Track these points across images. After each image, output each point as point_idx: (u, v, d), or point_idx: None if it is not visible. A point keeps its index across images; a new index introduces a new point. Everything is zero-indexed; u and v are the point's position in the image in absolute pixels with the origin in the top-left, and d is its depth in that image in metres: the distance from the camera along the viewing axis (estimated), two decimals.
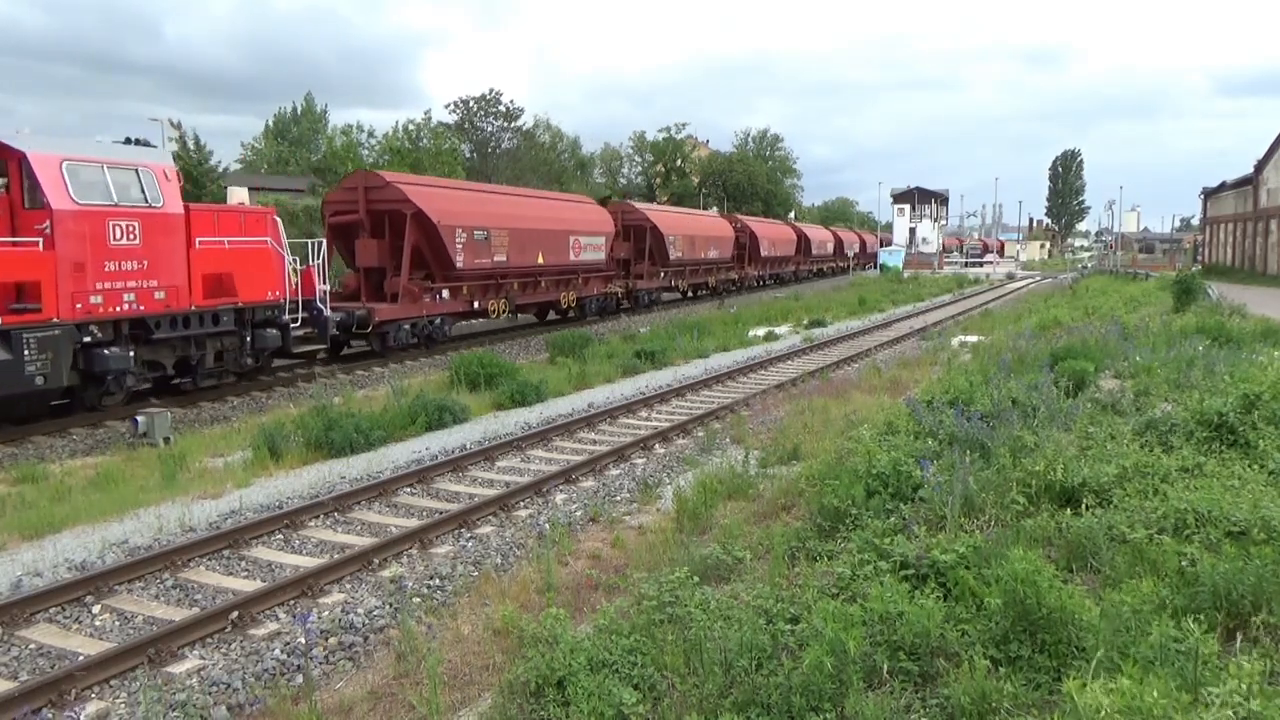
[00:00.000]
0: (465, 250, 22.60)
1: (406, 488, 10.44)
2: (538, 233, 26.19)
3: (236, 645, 6.55)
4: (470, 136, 61.27)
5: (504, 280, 24.94)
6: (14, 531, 8.92)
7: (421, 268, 22.39)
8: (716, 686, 4.40)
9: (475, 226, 23.17)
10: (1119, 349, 14.34)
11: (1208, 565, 4.81)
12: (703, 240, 40.51)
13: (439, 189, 23.84)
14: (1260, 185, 46.82)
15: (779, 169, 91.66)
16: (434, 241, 21.85)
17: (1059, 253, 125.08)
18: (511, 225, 24.78)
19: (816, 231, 67.03)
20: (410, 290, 21.34)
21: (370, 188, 21.73)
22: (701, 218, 45.52)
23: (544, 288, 27.63)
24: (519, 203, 27.01)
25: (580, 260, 28.85)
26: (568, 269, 28.40)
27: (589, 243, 29.33)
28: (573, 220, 28.87)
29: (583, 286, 29.75)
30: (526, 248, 25.49)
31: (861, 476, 7.26)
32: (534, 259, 25.99)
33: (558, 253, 27.33)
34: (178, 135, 43.88)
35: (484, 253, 23.49)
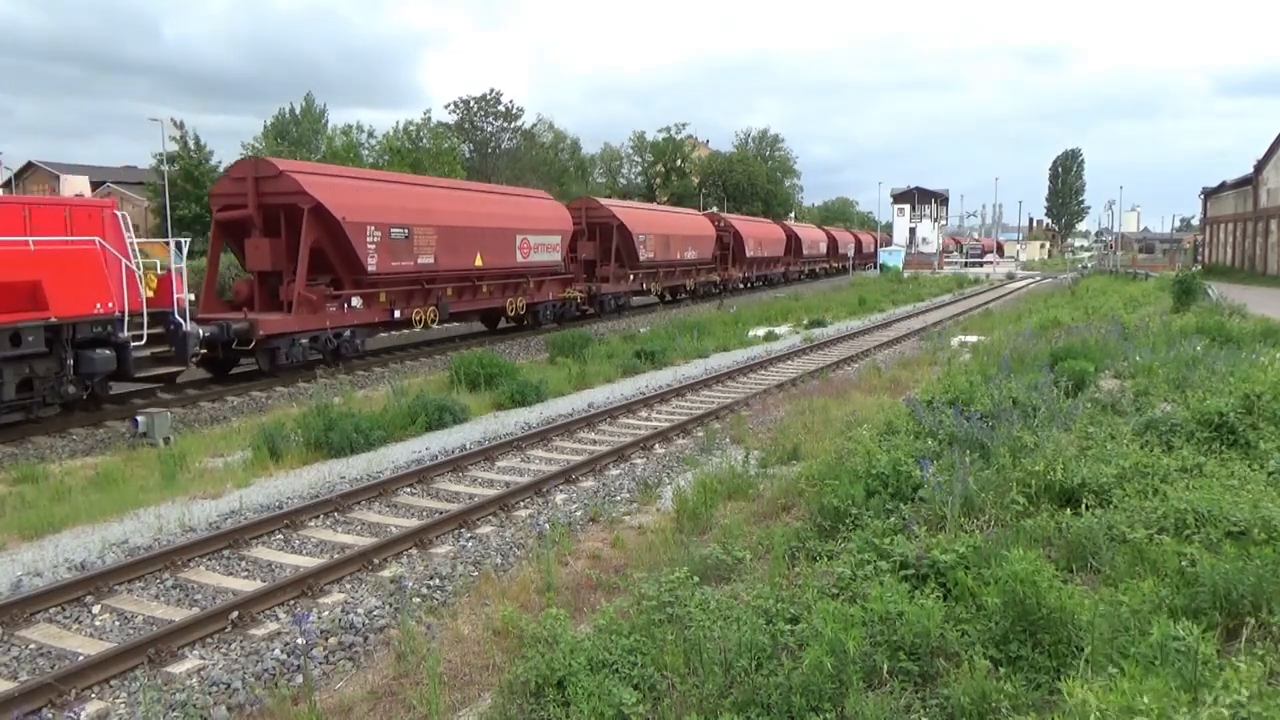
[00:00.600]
0: (380, 251, 19.49)
1: (406, 488, 10.44)
2: (475, 231, 23.15)
3: (236, 645, 6.55)
4: (470, 137, 61.29)
5: (432, 285, 21.93)
6: (14, 531, 8.92)
7: (326, 272, 19.26)
8: (716, 686, 4.40)
9: (392, 224, 19.98)
10: (1119, 349, 14.34)
11: (1208, 565, 4.81)
12: (678, 240, 37.57)
13: (345, 179, 20.36)
14: (1260, 185, 46.82)
15: (779, 169, 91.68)
16: (340, 241, 18.76)
17: (1059, 253, 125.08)
18: (440, 223, 21.69)
19: (808, 231, 64.22)
20: (308, 299, 18.16)
21: (262, 178, 18.36)
22: (678, 215, 42.70)
23: (485, 293, 24.47)
24: (450, 197, 23.61)
25: (531, 262, 25.86)
26: (515, 272, 25.47)
27: (541, 242, 26.33)
28: (521, 217, 25.79)
29: (535, 291, 26.72)
30: (460, 248, 22.42)
31: (861, 476, 7.26)
32: (470, 261, 22.96)
33: (501, 254, 24.38)
34: (180, 135, 43.86)
35: (405, 254, 20.43)
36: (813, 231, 65.96)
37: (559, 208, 29.50)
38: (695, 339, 23.17)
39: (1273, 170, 45.43)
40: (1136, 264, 68.38)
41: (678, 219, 40.72)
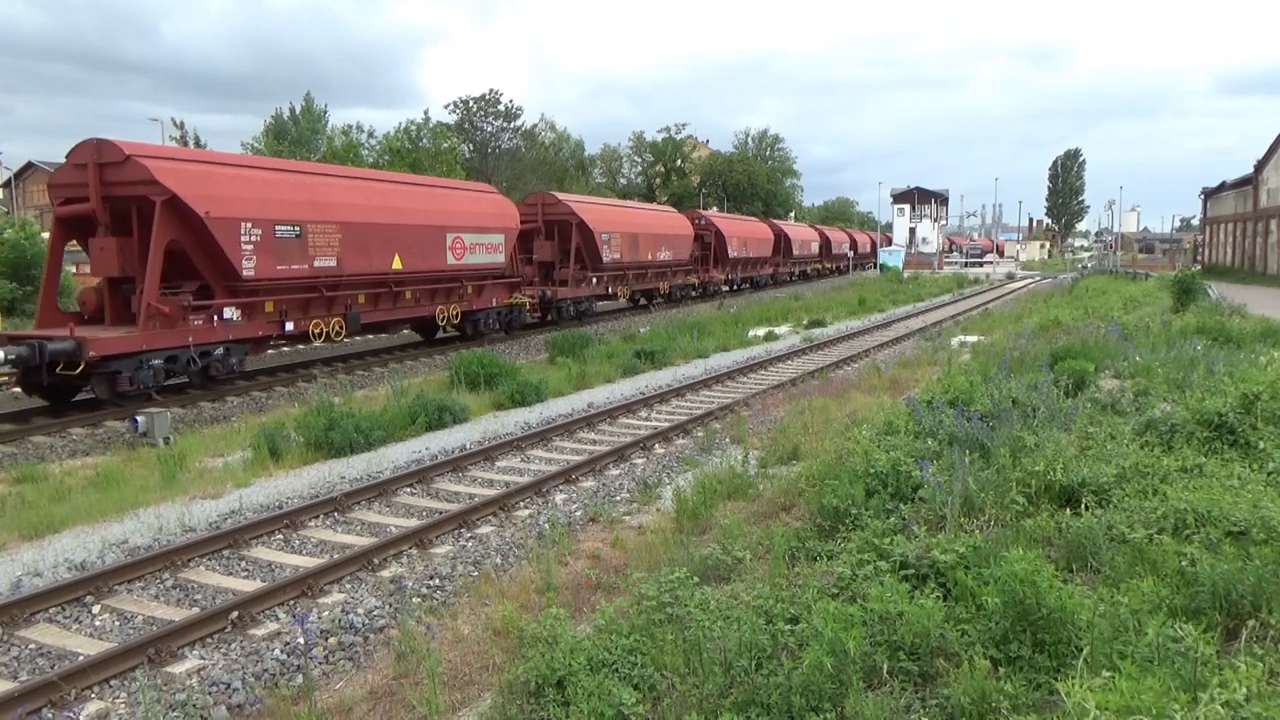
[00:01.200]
0: (260, 253, 16.41)
1: (406, 488, 10.44)
2: (391, 229, 19.91)
3: (236, 645, 6.55)
4: (470, 137, 61.31)
5: (336, 293, 18.85)
6: (14, 531, 8.92)
7: (192, 278, 16.11)
8: (716, 686, 4.40)
9: (278, 220, 16.80)
10: (1119, 349, 14.35)
11: (1207, 565, 4.82)
12: (649, 239, 34.35)
13: (213, 166, 16.68)
14: (1260, 185, 46.84)
15: (779, 169, 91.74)
16: (205, 241, 15.71)
17: (1059, 253, 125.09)
18: (344, 219, 18.53)
19: (799, 230, 60.70)
20: (159, 310, 14.92)
21: (106, 164, 15.06)
22: (650, 213, 39.01)
23: (409, 300, 21.22)
24: (359, 189, 19.88)
25: (466, 264, 22.76)
26: (446, 275, 22.27)
27: (479, 242, 23.19)
28: (453, 213, 22.53)
29: (473, 297, 23.66)
30: (372, 248, 19.31)
31: (861, 476, 7.27)
32: (386, 263, 19.82)
33: (427, 254, 21.25)
34: (180, 134, 43.86)
35: (296, 256, 17.27)
36: (804, 230, 62.62)
37: (503, 203, 26.15)
38: (695, 339, 23.17)
39: (1273, 170, 45.44)
40: (1136, 264, 68.39)
41: (649, 217, 37.48)
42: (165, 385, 16.67)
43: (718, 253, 42.82)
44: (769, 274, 51.90)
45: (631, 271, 33.46)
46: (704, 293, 41.58)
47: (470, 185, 27.81)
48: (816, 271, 63.52)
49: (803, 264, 59.52)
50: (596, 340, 22.93)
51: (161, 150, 16.84)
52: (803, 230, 62.18)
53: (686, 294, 39.48)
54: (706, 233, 41.90)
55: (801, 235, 59.12)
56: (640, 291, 35.60)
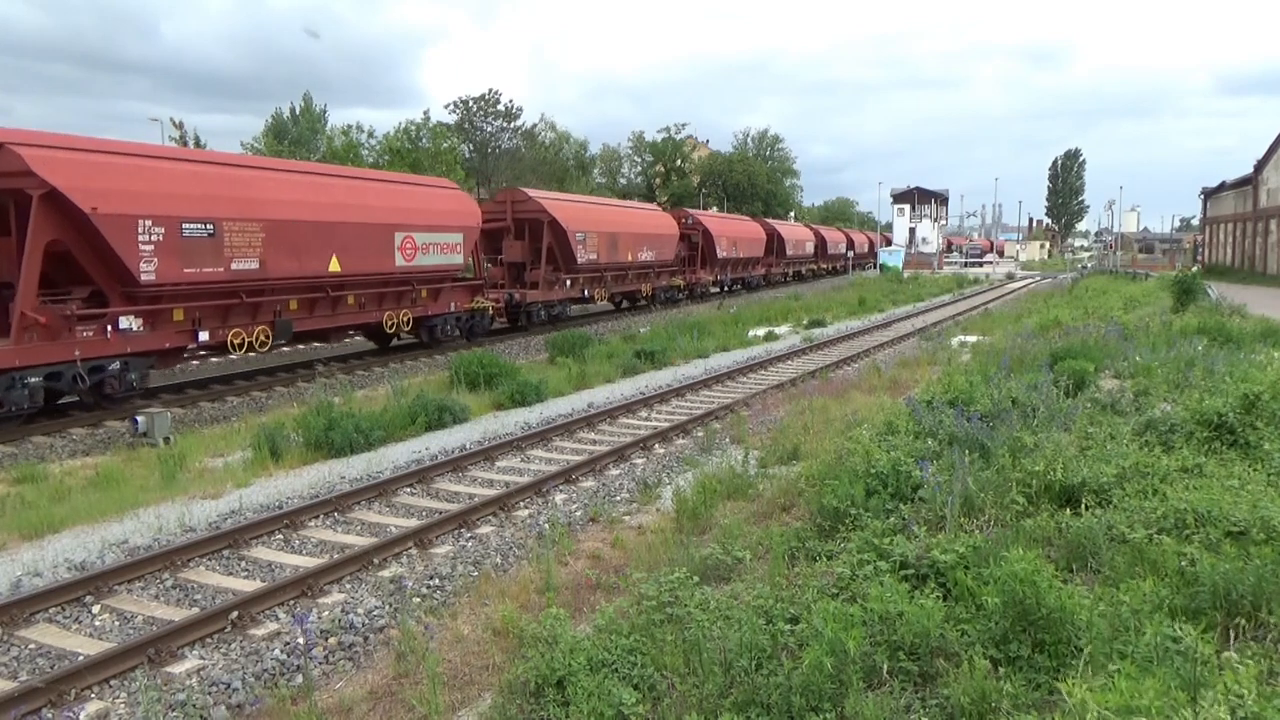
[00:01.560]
0: (163, 254, 14.55)
1: (406, 488, 10.44)
2: (327, 227, 17.96)
3: (236, 645, 6.55)
4: (470, 137, 61.32)
5: (261, 298, 16.90)
6: (14, 531, 8.92)
7: (82, 283, 14.40)
8: (716, 686, 4.40)
9: (185, 217, 14.93)
10: (1119, 349, 14.35)
11: (1207, 565, 4.82)
12: (630, 239, 32.39)
13: (105, 156, 14.44)
14: (1260, 185, 46.84)
15: (779, 169, 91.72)
16: (95, 241, 13.89)
17: (1059, 253, 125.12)
18: (270, 216, 16.58)
19: (793, 230, 58.43)
20: (34, 321, 13.14)
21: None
22: (631, 211, 36.66)
23: (351, 305, 19.45)
24: (288, 183, 17.87)
25: (418, 266, 20.93)
26: (395, 278, 20.45)
27: (433, 241, 21.39)
28: (403, 210, 20.67)
29: (428, 302, 21.84)
30: (304, 249, 17.40)
31: (861, 476, 7.27)
32: (321, 265, 17.94)
33: (371, 256, 19.36)
34: (179, 134, 43.87)
35: (209, 257, 15.42)
36: (798, 230, 60.25)
37: (462, 199, 24.20)
38: (695, 339, 23.18)
39: (1273, 170, 45.45)
40: (1136, 264, 68.36)
41: (630, 215, 35.30)
42: (163, 386, 16.72)
43: (706, 253, 41.22)
44: (761, 275, 50.11)
45: (610, 273, 31.58)
46: (691, 294, 40.06)
47: (426, 180, 25.30)
48: (811, 272, 61.44)
49: (797, 264, 57.54)
50: (596, 340, 22.93)
51: (42, 137, 14.13)
52: (797, 230, 60.03)
53: (672, 296, 37.78)
54: (694, 232, 40.34)
55: (795, 235, 57.16)
56: (621, 294, 33.97)
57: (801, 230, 61.04)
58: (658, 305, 36.08)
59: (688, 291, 39.52)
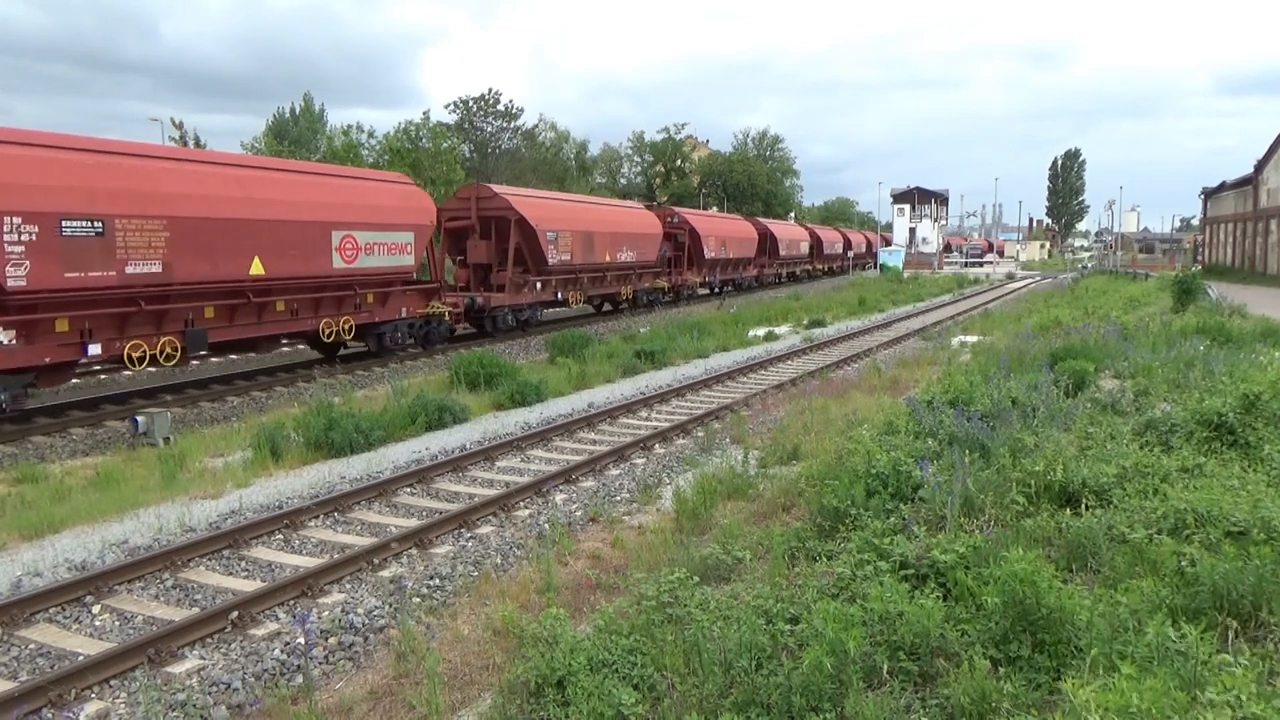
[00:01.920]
0: (37, 255, 12.63)
1: (406, 488, 10.44)
2: (249, 225, 16.00)
3: (236, 645, 6.55)
4: (470, 137, 61.31)
5: (165, 305, 14.89)
6: (14, 531, 8.92)
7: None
8: (716, 686, 4.40)
9: (66, 213, 13.03)
10: (1119, 349, 14.35)
11: (1207, 565, 4.82)
12: (608, 238, 30.40)
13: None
14: (1260, 185, 46.84)
15: (779, 169, 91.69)
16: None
17: (1059, 253, 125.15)
18: (174, 211, 14.64)
19: (787, 229, 56.53)
20: None
21: None
22: (610, 209, 34.32)
23: (281, 312, 17.36)
24: (199, 176, 15.54)
25: (359, 268, 18.95)
26: (334, 281, 18.39)
27: (379, 241, 19.45)
28: (343, 206, 18.56)
29: (375, 307, 19.86)
30: (219, 249, 15.47)
31: (861, 476, 7.27)
32: (240, 268, 16.00)
33: (304, 257, 17.30)
34: (180, 134, 43.89)
35: (96, 259, 13.49)
36: (792, 230, 58.10)
37: (413, 194, 21.91)
38: (695, 339, 23.18)
39: (1273, 170, 45.44)
40: (1136, 264, 68.37)
41: (608, 213, 32.95)
42: (163, 386, 16.71)
43: (693, 253, 39.25)
44: (753, 276, 48.28)
45: (586, 275, 29.45)
46: (677, 297, 38.26)
47: (372, 174, 22.92)
48: (806, 273, 59.56)
49: (791, 265, 55.65)
50: (596, 340, 22.93)
51: None
52: (791, 229, 58.17)
53: (655, 299, 35.66)
54: (679, 231, 38.37)
55: (790, 234, 55.38)
56: (599, 297, 31.95)
57: (796, 230, 59.40)
58: (640, 308, 34.32)
59: (673, 294, 37.79)
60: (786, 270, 54.95)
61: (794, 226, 61.72)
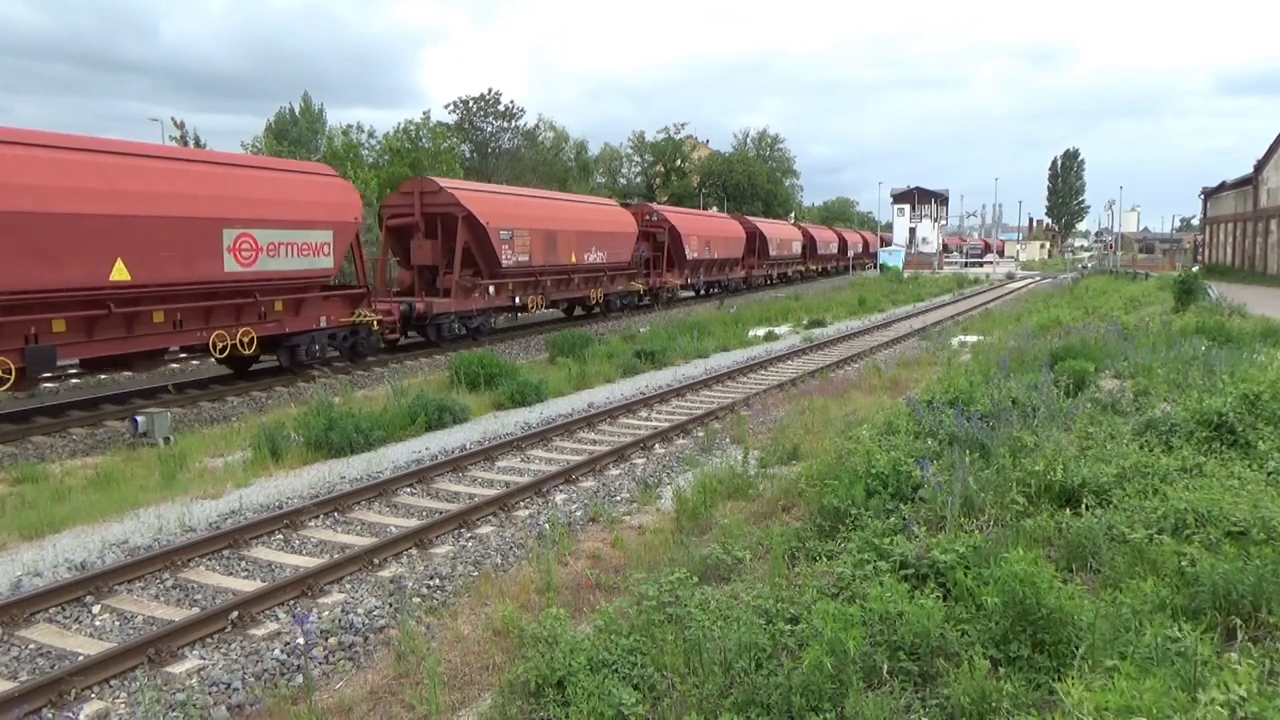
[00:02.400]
0: None
1: (406, 488, 10.44)
2: (109, 222, 13.46)
3: (236, 645, 6.55)
4: (470, 137, 61.31)
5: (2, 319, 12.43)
6: (14, 531, 8.92)
7: None
8: (716, 686, 4.40)
9: None
10: (1119, 349, 14.35)
11: (1207, 565, 4.82)
12: (573, 237, 27.83)
13: None
14: (1260, 185, 46.82)
15: (779, 169, 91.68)
16: None
17: (1059, 253, 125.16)
18: (7, 206, 12.13)
19: (777, 228, 54.25)
20: None
21: None
22: (576, 206, 31.09)
23: (160, 322, 14.82)
24: (40, 163, 12.80)
25: (263, 271, 16.32)
26: (226, 288, 15.81)
27: (287, 240, 16.86)
28: (238, 200, 15.85)
29: (285, 316, 17.23)
30: (68, 251, 12.94)
31: (861, 476, 7.27)
32: (98, 273, 13.48)
33: (184, 259, 14.74)
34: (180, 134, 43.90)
35: None
36: (783, 229, 55.61)
37: (335, 188, 18.93)
38: (695, 339, 23.18)
39: (1273, 170, 45.43)
40: (1136, 264, 68.34)
41: (574, 211, 29.98)
42: (164, 386, 16.68)
43: (673, 253, 36.83)
44: (740, 277, 45.77)
45: (549, 277, 26.94)
46: (656, 300, 36.13)
47: (280, 163, 20.38)
48: (799, 274, 57.03)
49: (783, 266, 53.40)
50: (596, 340, 22.92)
51: None
52: (782, 228, 55.87)
53: (631, 302, 33.40)
54: (658, 230, 35.87)
55: (781, 234, 52.93)
56: (565, 301, 29.49)
57: (788, 229, 57.06)
58: (614, 312, 32.20)
59: (651, 297, 35.66)
60: (777, 271, 52.99)
61: (786, 225, 59.43)
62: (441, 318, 22.40)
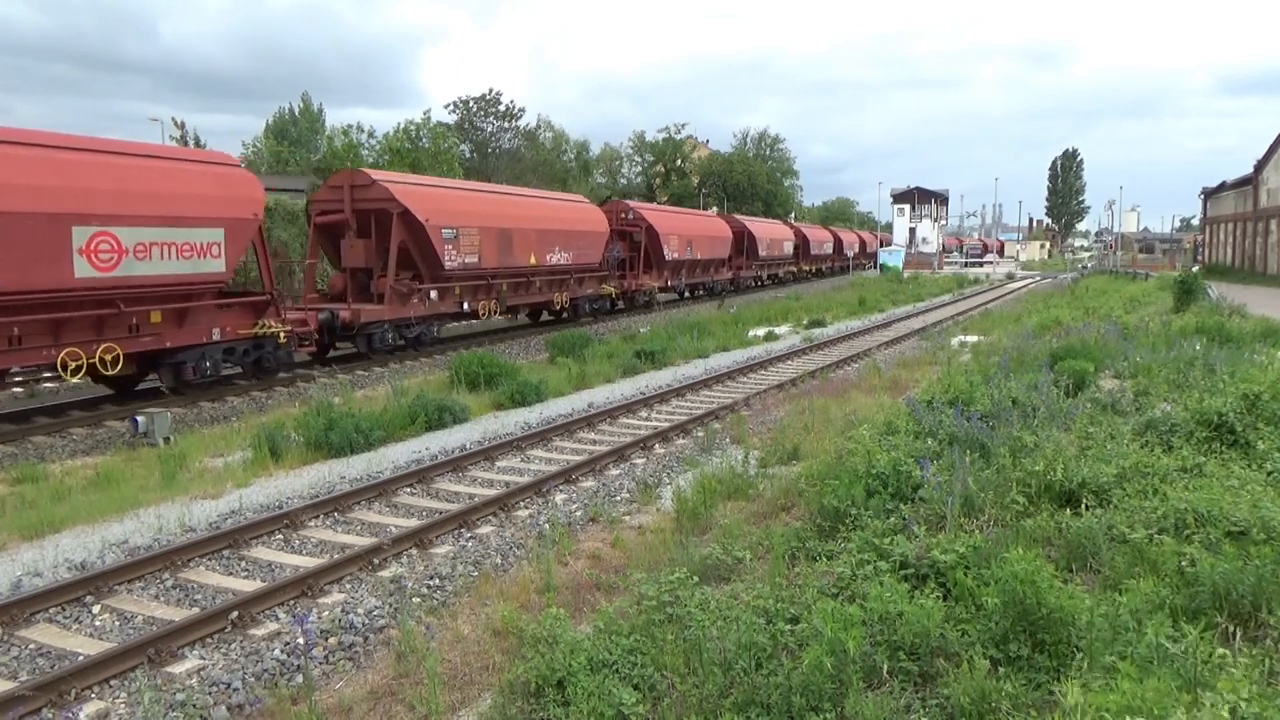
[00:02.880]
0: None
1: (406, 488, 10.44)
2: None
3: (236, 645, 6.55)
4: (470, 137, 61.32)
5: None
6: (14, 531, 8.92)
7: None
8: (716, 686, 4.40)
9: None
10: (1119, 349, 14.35)
11: (1207, 565, 4.82)
12: (531, 236, 25.66)
13: None
14: (1260, 185, 46.82)
15: (779, 169, 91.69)
16: None
17: (1059, 253, 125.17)
18: None
19: (768, 228, 51.97)
20: None
21: None
22: (535, 202, 28.19)
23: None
24: None
25: (128, 276, 13.96)
26: (76, 297, 13.45)
27: (162, 240, 14.48)
28: (92, 194, 13.43)
29: (166, 329, 14.96)
30: None
31: (861, 476, 7.27)
32: None
33: (16, 264, 12.39)
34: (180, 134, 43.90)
35: None
36: (774, 228, 53.66)
37: (228, 178, 16.31)
38: (695, 339, 23.18)
39: (1273, 170, 45.43)
40: (1136, 264, 68.33)
41: (532, 207, 27.32)
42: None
43: (650, 254, 34.59)
44: (727, 279, 43.60)
45: (504, 280, 24.67)
46: (631, 304, 34.07)
47: (159, 149, 17.67)
48: (791, 275, 55.04)
49: (773, 266, 51.51)
50: (596, 340, 22.92)
51: None
52: (773, 228, 53.82)
53: (602, 307, 31.35)
54: (634, 229, 33.67)
55: (771, 233, 50.88)
56: (526, 306, 27.28)
57: (779, 228, 55.04)
58: (583, 318, 30.01)
59: (627, 300, 33.63)
60: (768, 272, 50.90)
61: (777, 225, 57.11)
62: (373, 326, 19.98)
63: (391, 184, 21.12)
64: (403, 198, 20.66)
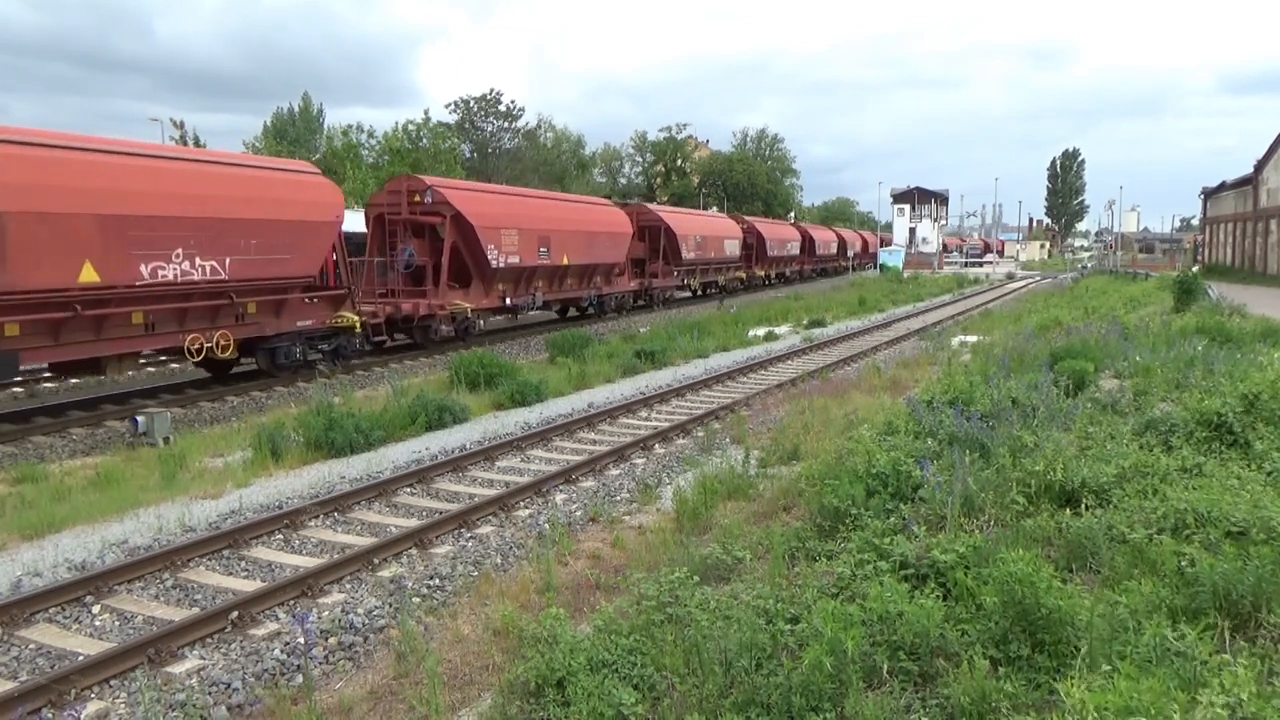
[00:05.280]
0: None
1: (406, 488, 10.44)
2: None
3: (236, 645, 6.55)
4: (470, 136, 61.35)
5: None
6: (14, 531, 8.92)
7: None
8: (716, 686, 4.40)
9: None
10: (1119, 349, 14.35)
11: (1207, 565, 4.82)
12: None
13: None
14: (1260, 185, 46.82)
15: (779, 169, 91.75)
16: None
17: (1059, 252, 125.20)
18: None
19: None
20: None
21: None
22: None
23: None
24: None
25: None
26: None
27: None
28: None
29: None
30: None
31: (861, 476, 7.27)
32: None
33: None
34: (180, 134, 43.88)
35: None
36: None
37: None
38: (695, 339, 23.18)
39: (1273, 170, 45.44)
40: (1136, 264, 68.31)
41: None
42: (163, 386, 16.68)
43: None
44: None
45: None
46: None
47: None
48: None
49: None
50: (596, 340, 22.92)
51: None
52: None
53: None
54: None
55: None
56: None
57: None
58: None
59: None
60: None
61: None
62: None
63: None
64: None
